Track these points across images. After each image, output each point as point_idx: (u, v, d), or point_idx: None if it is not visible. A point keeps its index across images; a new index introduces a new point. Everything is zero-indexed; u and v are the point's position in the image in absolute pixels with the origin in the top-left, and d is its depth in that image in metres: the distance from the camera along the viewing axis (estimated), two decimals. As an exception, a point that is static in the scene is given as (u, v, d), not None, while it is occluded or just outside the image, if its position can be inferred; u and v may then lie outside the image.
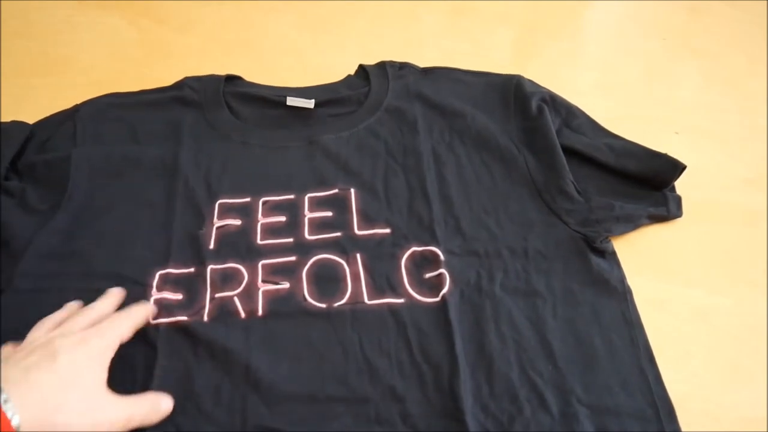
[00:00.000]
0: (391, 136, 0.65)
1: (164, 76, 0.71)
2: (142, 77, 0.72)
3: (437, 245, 0.57)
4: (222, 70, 0.71)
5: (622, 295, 0.55)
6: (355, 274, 0.56)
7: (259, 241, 0.58)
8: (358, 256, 0.57)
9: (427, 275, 0.56)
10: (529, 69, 0.72)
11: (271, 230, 0.59)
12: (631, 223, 0.61)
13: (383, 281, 0.55)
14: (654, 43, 0.84)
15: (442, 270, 0.56)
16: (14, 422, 0.40)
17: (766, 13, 0.87)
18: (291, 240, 0.58)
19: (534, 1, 0.90)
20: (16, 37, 0.83)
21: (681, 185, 0.64)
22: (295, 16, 0.87)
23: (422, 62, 0.73)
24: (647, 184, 0.63)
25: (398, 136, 0.65)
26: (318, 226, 0.59)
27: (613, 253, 0.58)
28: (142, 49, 0.82)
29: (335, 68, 0.73)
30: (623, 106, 0.75)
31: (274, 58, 0.81)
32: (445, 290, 0.55)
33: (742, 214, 0.65)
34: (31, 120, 0.67)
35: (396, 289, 0.55)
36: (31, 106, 0.69)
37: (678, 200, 0.63)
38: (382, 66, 0.72)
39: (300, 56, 0.82)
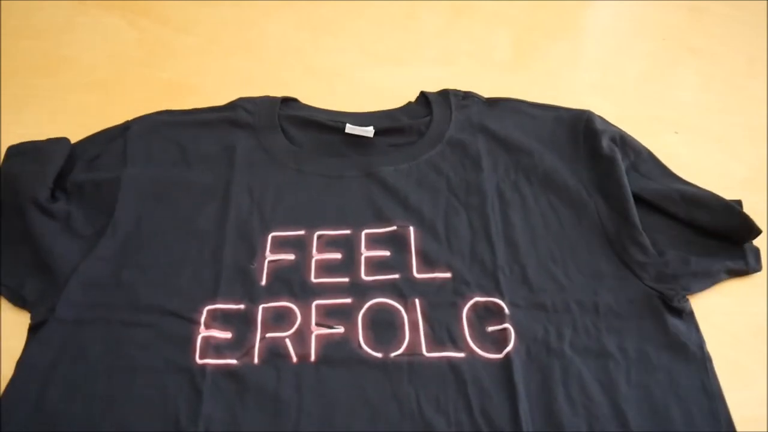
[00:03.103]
0: (453, 171, 0.62)
1: (165, 76, 0.71)
2: (142, 77, 0.72)
3: (501, 297, 0.54)
4: (222, 70, 0.70)
5: (702, 362, 0.51)
6: (413, 323, 0.53)
7: (313, 279, 0.55)
8: (417, 302, 0.54)
9: (490, 329, 0.53)
10: (529, 69, 0.72)
11: (325, 267, 0.56)
12: (710, 279, 0.57)
13: (443, 332, 0.52)
14: (654, 43, 0.84)
15: (506, 324, 0.52)
16: None
17: (766, 13, 0.87)
18: (347, 280, 0.55)
19: (534, 1, 0.89)
20: (16, 37, 0.82)
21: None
22: (295, 16, 0.86)
23: (422, 62, 0.73)
24: (720, 236, 0.59)
25: (461, 171, 0.62)
26: (375, 265, 0.56)
27: (691, 314, 0.54)
28: (142, 49, 0.81)
29: (335, 68, 0.73)
30: (623, 106, 0.75)
31: (275, 59, 0.80)
32: (509, 347, 0.51)
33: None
34: (30, 122, 0.66)
35: (456, 342, 0.52)
36: (31, 106, 0.68)
37: (756, 252, 0.59)
38: (444, 94, 0.69)
39: (300, 56, 0.80)
